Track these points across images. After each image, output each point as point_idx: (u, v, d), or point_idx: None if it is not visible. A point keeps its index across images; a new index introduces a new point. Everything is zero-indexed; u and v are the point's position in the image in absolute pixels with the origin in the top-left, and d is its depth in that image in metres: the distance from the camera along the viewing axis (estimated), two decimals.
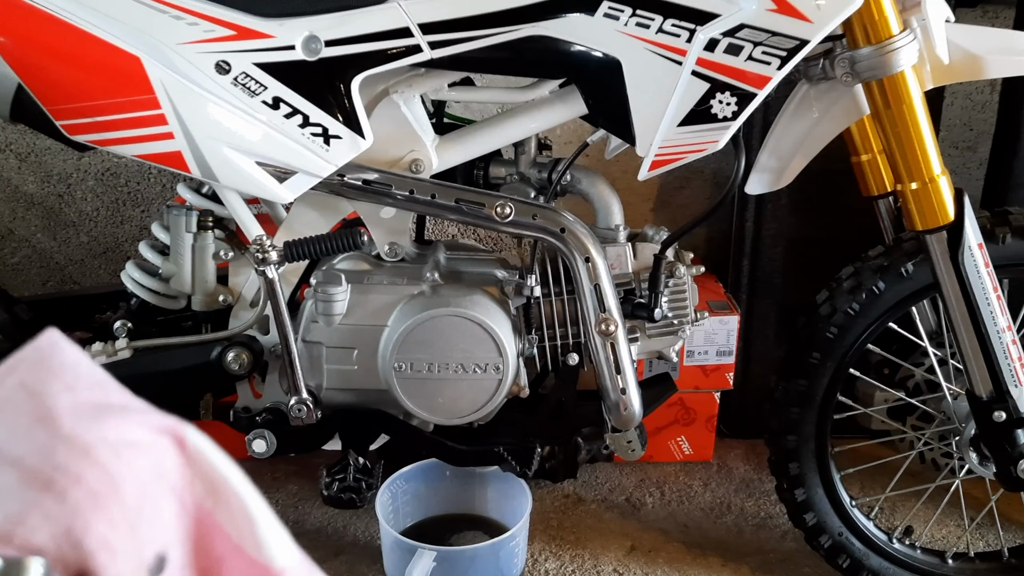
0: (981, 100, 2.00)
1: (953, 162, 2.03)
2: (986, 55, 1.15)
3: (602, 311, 1.15)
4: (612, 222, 1.26)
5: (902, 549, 1.41)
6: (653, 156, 1.10)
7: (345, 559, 1.53)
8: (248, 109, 1.08)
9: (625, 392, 1.17)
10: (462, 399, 1.18)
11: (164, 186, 1.99)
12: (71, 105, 1.07)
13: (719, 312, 1.71)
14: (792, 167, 1.25)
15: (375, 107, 1.15)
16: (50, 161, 1.96)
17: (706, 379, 1.75)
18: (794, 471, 1.37)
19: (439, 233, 2.01)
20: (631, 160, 1.15)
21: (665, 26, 1.04)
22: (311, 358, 1.19)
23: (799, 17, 1.01)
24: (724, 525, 1.65)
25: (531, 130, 1.22)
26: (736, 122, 1.07)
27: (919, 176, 1.13)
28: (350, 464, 1.28)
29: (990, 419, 1.22)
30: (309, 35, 1.06)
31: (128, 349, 1.20)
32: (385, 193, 1.15)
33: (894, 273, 1.26)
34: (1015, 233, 1.22)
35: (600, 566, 1.53)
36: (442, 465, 1.51)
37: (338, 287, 1.16)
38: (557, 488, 1.73)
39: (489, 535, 1.49)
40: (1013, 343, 1.20)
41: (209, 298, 1.27)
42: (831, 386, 1.32)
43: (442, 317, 1.15)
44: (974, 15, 1.90)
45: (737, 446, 1.88)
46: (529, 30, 1.06)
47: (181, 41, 1.05)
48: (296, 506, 1.67)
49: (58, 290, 2.04)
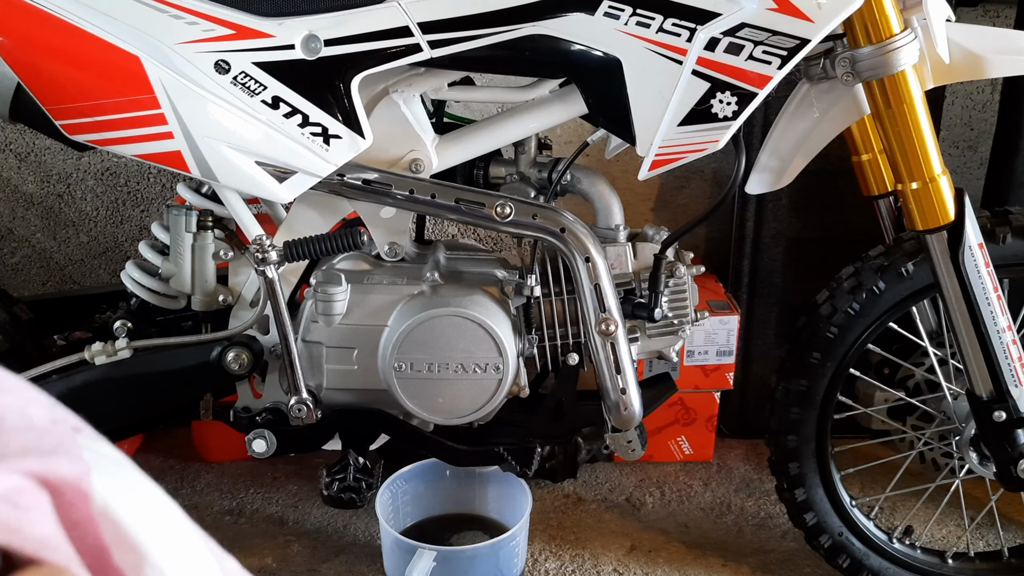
0: (982, 100, 2.00)
1: (954, 162, 2.03)
2: (987, 54, 1.15)
3: (602, 311, 1.14)
4: (612, 222, 1.26)
5: (902, 549, 1.41)
6: (653, 156, 1.10)
7: (345, 559, 1.53)
8: (247, 109, 1.07)
9: (625, 392, 1.17)
10: (462, 399, 1.18)
11: (164, 186, 1.99)
12: (70, 105, 1.06)
13: (719, 312, 1.71)
14: (793, 167, 1.25)
15: (375, 107, 1.15)
16: (50, 161, 1.96)
17: (706, 379, 1.75)
18: (794, 471, 1.36)
19: (439, 233, 2.01)
20: (631, 160, 1.15)
21: (665, 25, 1.04)
22: (311, 358, 1.19)
23: (800, 16, 1.01)
24: (724, 525, 1.65)
25: (531, 130, 1.21)
26: (736, 122, 1.07)
27: (919, 176, 1.13)
28: (350, 464, 1.28)
29: (990, 419, 1.22)
30: (308, 34, 1.06)
31: (128, 349, 1.20)
32: (385, 193, 1.14)
33: (894, 273, 1.25)
34: (1015, 233, 1.22)
35: (600, 566, 1.53)
36: (442, 465, 1.51)
37: (338, 287, 1.16)
38: (557, 488, 1.73)
39: (489, 535, 1.49)
40: (1013, 343, 1.19)
41: (209, 298, 1.26)
42: (831, 386, 1.32)
43: (442, 317, 1.15)
44: (975, 14, 1.90)
45: (737, 446, 1.88)
46: (529, 29, 1.06)
47: (180, 40, 1.05)
48: (296, 506, 1.67)
49: (58, 290, 2.04)
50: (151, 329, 1.28)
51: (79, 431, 0.31)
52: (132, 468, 0.33)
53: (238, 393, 1.26)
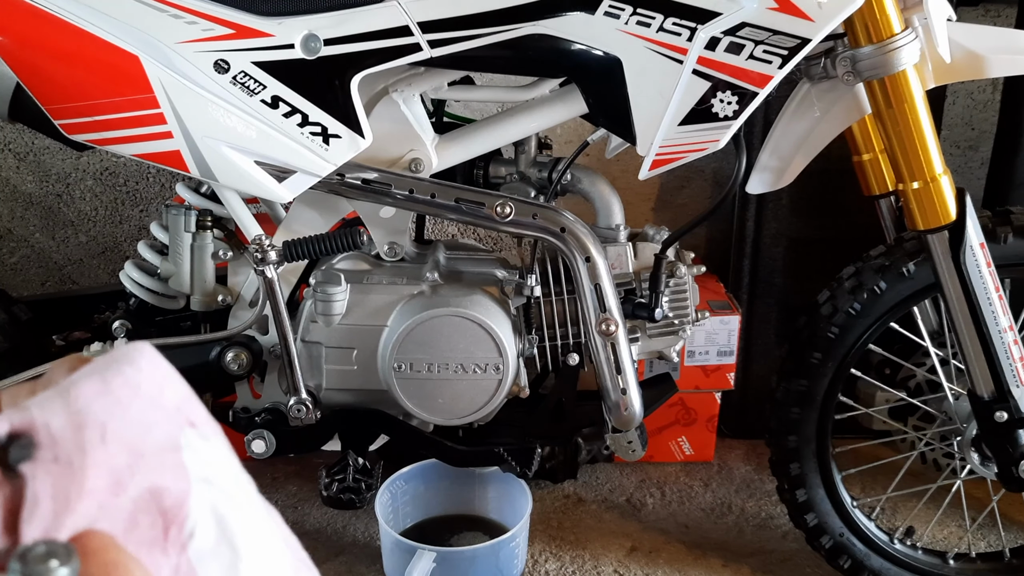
0: (983, 99, 2.00)
1: (955, 161, 2.02)
2: (988, 54, 1.15)
3: (602, 311, 1.14)
4: (612, 222, 1.25)
5: (903, 550, 1.40)
6: (654, 155, 1.10)
7: (345, 559, 1.53)
8: (247, 108, 1.07)
9: (626, 392, 1.17)
10: (462, 399, 1.18)
11: (163, 186, 1.99)
12: (69, 104, 1.06)
13: (720, 312, 1.71)
14: (793, 166, 1.24)
15: (374, 106, 1.15)
16: (49, 161, 1.95)
17: (707, 379, 1.75)
18: (795, 471, 1.36)
19: (439, 233, 2.01)
20: (631, 159, 1.15)
21: (666, 24, 1.03)
22: (310, 358, 1.19)
23: (800, 16, 1.01)
24: (725, 525, 1.65)
25: (531, 129, 1.21)
26: (737, 121, 1.06)
27: (921, 175, 1.13)
28: (350, 464, 1.27)
29: (992, 419, 1.22)
30: (308, 34, 1.06)
31: None
32: (385, 192, 1.14)
33: (895, 273, 1.25)
34: (1017, 232, 1.22)
35: (600, 567, 1.53)
36: (442, 465, 1.51)
37: (337, 287, 1.16)
38: (557, 488, 1.73)
39: (489, 535, 1.49)
40: (1015, 343, 1.19)
41: (208, 298, 1.26)
42: (832, 386, 1.32)
43: (442, 317, 1.14)
44: (976, 14, 1.90)
45: (738, 446, 1.88)
46: (529, 28, 1.06)
47: (180, 40, 1.05)
48: (296, 506, 1.67)
49: (57, 290, 2.04)
50: (150, 329, 1.28)
51: (193, 426, 0.32)
52: (236, 468, 0.34)
53: (237, 393, 1.25)
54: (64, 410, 0.28)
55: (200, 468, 0.31)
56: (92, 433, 0.28)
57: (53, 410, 0.28)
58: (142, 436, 0.29)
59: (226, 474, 0.33)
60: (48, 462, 0.27)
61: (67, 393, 0.29)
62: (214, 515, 0.31)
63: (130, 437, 0.29)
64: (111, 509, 0.28)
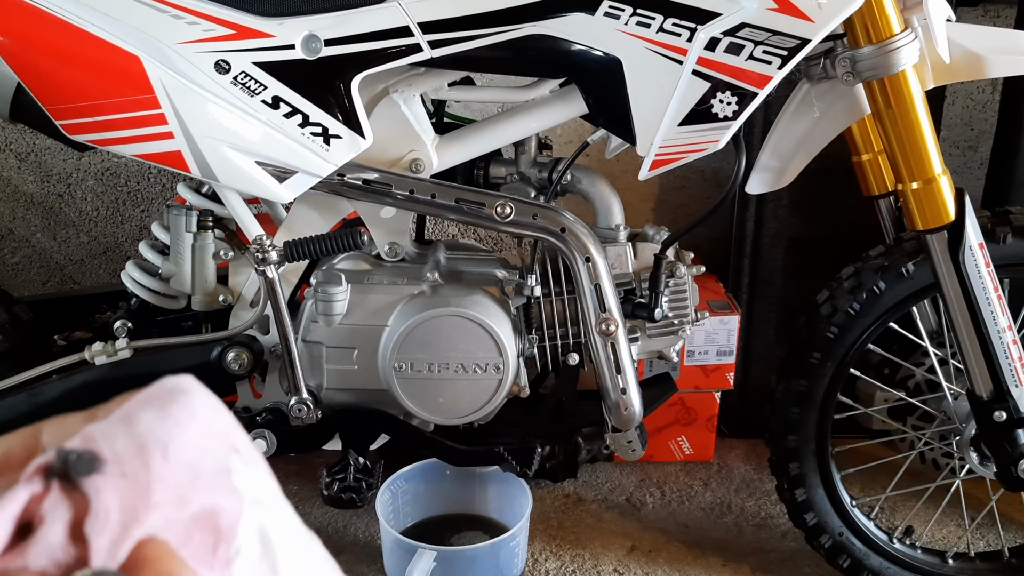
0: (982, 99, 2.00)
1: (954, 161, 2.03)
2: (987, 54, 1.15)
3: (602, 311, 1.14)
4: (612, 222, 1.26)
5: (902, 549, 1.40)
6: (653, 156, 1.10)
7: (345, 559, 1.53)
8: (248, 108, 1.07)
9: (625, 392, 1.17)
10: (462, 399, 1.18)
11: (164, 186, 1.99)
12: (71, 105, 1.06)
13: (719, 312, 1.71)
14: (793, 167, 1.25)
15: (375, 106, 1.15)
16: (50, 161, 1.96)
17: (706, 379, 1.75)
18: (794, 471, 1.36)
19: (439, 233, 2.01)
20: (631, 160, 1.15)
21: (666, 25, 1.04)
22: (311, 358, 1.19)
23: (800, 16, 1.01)
24: (724, 525, 1.65)
25: (531, 130, 1.21)
26: (737, 122, 1.07)
27: (920, 176, 1.13)
28: (350, 464, 1.28)
29: (991, 419, 1.22)
30: (309, 34, 1.06)
31: (128, 349, 1.19)
32: (385, 193, 1.14)
33: (895, 273, 1.25)
34: (1016, 233, 1.22)
35: (600, 566, 1.53)
36: (442, 465, 1.51)
37: (338, 287, 1.16)
38: (557, 488, 1.73)
39: (489, 535, 1.49)
40: (1014, 343, 1.19)
41: (209, 298, 1.26)
42: (831, 386, 1.32)
43: (442, 317, 1.14)
44: (975, 14, 1.90)
45: (737, 446, 1.88)
46: (529, 29, 1.06)
47: (180, 40, 1.05)
48: (296, 506, 1.64)
49: (58, 290, 2.04)
50: (151, 329, 1.28)
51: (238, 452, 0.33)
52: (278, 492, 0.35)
53: (238, 393, 1.25)
54: (126, 433, 0.30)
55: (250, 490, 0.32)
56: (155, 452, 0.30)
57: (115, 433, 0.30)
58: (199, 458, 0.31)
59: (271, 497, 0.34)
60: (115, 476, 0.29)
61: (127, 418, 0.30)
62: (260, 535, 0.32)
63: (189, 458, 0.30)
64: (173, 523, 0.30)
